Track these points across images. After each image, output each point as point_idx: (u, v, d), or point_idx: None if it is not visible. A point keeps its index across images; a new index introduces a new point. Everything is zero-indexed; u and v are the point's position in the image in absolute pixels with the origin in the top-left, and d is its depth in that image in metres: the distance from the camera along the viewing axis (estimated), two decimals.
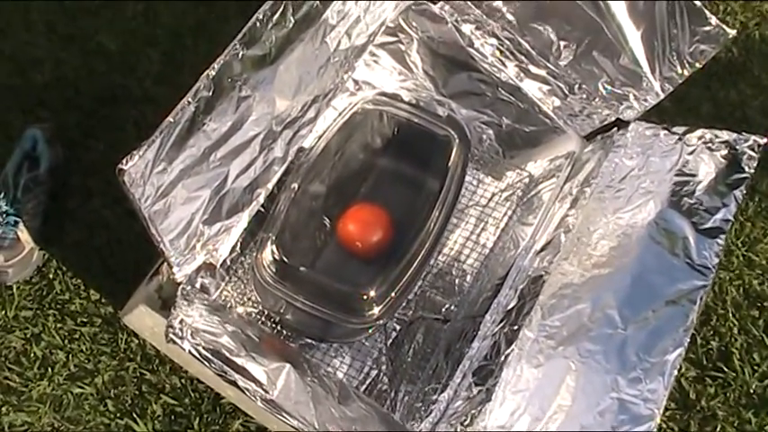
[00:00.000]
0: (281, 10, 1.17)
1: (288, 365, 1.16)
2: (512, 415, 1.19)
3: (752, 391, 1.54)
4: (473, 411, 1.22)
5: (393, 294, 1.37)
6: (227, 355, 1.15)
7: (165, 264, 1.19)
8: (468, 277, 1.52)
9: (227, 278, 1.45)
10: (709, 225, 1.31)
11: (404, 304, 1.47)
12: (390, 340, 1.47)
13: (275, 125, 1.29)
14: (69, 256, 1.60)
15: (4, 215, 1.56)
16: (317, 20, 1.27)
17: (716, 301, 1.63)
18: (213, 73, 1.12)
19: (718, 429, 1.48)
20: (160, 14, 1.93)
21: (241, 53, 1.16)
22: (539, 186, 1.57)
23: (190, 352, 1.14)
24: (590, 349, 1.21)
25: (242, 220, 1.29)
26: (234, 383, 1.13)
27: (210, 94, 1.13)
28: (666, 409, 1.50)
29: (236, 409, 1.45)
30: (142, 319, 1.29)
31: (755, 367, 1.56)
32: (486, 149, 1.65)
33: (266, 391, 1.13)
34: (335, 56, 1.35)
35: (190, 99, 1.11)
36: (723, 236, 1.29)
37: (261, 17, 1.15)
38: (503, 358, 1.24)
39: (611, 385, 1.18)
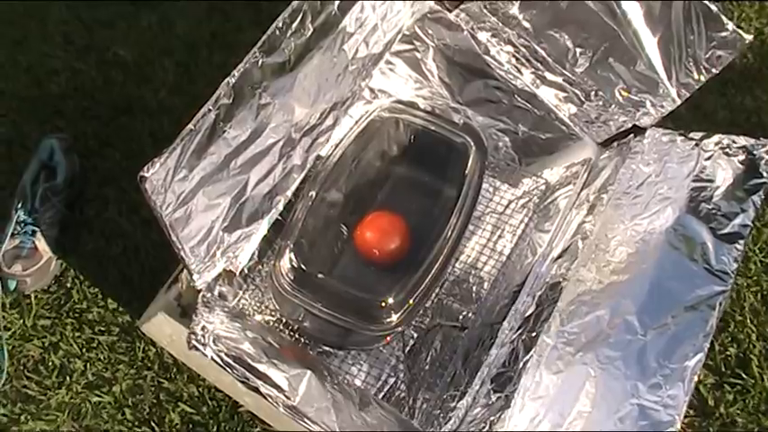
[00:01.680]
0: (300, 18, 1.18)
1: (309, 372, 1.16)
2: (531, 421, 1.18)
3: None
4: (492, 418, 1.21)
5: (411, 302, 1.37)
6: (249, 361, 1.15)
7: (185, 272, 1.20)
8: (486, 284, 1.52)
9: (244, 286, 1.45)
10: (727, 230, 1.30)
11: (421, 312, 1.47)
12: (408, 348, 1.47)
13: (294, 132, 1.29)
14: (86, 265, 1.61)
15: (22, 224, 1.57)
16: (336, 28, 1.28)
17: (734, 307, 1.63)
18: (233, 80, 1.13)
19: None
20: (175, 25, 1.94)
21: (261, 61, 1.16)
22: (555, 193, 1.57)
23: (212, 359, 1.14)
24: (609, 355, 1.21)
25: (261, 227, 1.29)
26: (256, 390, 1.13)
27: (231, 101, 1.14)
28: (685, 416, 1.49)
29: (254, 418, 1.45)
30: (161, 327, 1.29)
31: None
32: (503, 157, 1.65)
33: (288, 398, 1.13)
34: (353, 63, 1.36)
35: (210, 107, 1.11)
36: (742, 241, 1.28)
37: (280, 25, 1.16)
38: (521, 365, 1.23)
39: (631, 391, 1.17)
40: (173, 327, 1.27)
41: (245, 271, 1.45)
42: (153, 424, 1.45)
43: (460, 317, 1.49)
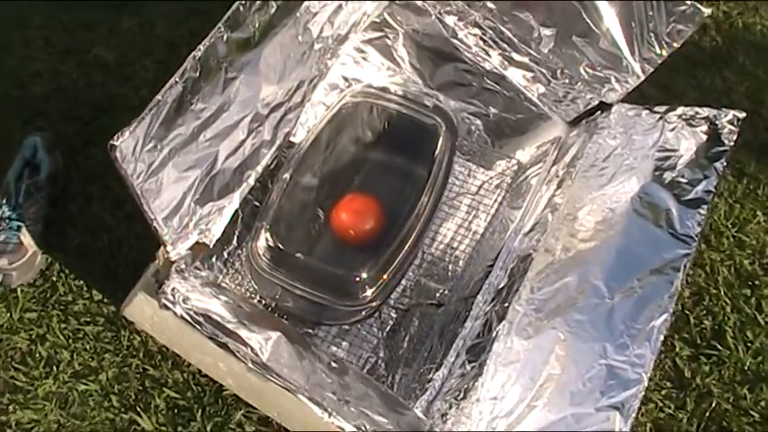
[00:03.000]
0: None
1: (279, 333, 1.19)
2: (503, 386, 1.21)
3: (746, 367, 1.56)
4: (466, 386, 1.24)
5: (385, 277, 1.40)
6: (219, 320, 1.18)
7: (161, 248, 1.23)
8: (461, 262, 1.55)
9: (224, 270, 1.49)
10: (691, 196, 1.34)
11: (399, 292, 1.51)
12: (388, 328, 1.50)
13: (261, 108, 1.32)
14: (71, 260, 1.64)
15: (8, 220, 1.60)
16: (299, 6, 1.31)
17: (708, 281, 1.66)
18: (199, 54, 1.16)
19: (713, 406, 1.49)
20: (155, 26, 1.99)
21: (225, 35, 1.19)
22: (527, 172, 1.61)
23: (182, 316, 1.17)
24: (578, 319, 1.24)
25: (233, 201, 1.31)
26: (225, 346, 1.17)
27: (197, 74, 1.17)
28: (662, 387, 1.52)
29: (238, 401, 1.47)
30: (142, 308, 1.32)
31: (749, 344, 1.58)
32: (476, 140, 1.68)
33: (256, 354, 1.16)
34: (319, 42, 1.39)
35: (177, 79, 1.14)
36: (705, 206, 1.32)
37: (244, 2, 1.19)
38: (494, 334, 1.26)
39: (600, 352, 1.21)
40: (153, 307, 1.29)
41: (225, 255, 1.49)
42: (139, 409, 1.48)
43: (437, 295, 1.52)
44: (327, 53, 1.42)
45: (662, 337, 1.21)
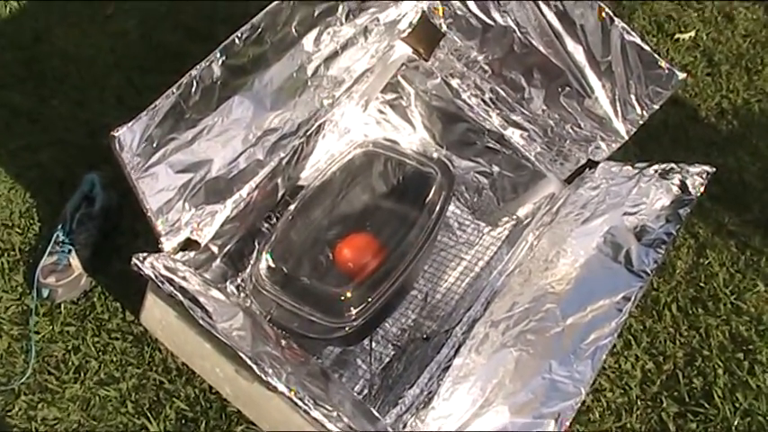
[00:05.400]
0: (257, 33, 1.38)
1: (241, 312, 1.33)
2: (456, 396, 1.31)
3: (733, 428, 1.59)
4: (426, 399, 1.34)
5: (370, 299, 1.53)
6: (181, 283, 1.32)
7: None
8: (453, 302, 1.67)
9: (236, 294, 1.65)
10: (652, 237, 1.43)
11: (399, 331, 1.64)
12: (383, 365, 1.63)
13: (254, 129, 1.47)
14: (112, 284, 1.82)
15: (61, 244, 1.81)
16: (293, 46, 1.47)
17: (702, 344, 1.71)
18: (195, 72, 1.32)
19: None
20: None
21: (221, 60, 1.35)
22: (521, 224, 1.73)
23: (149, 276, 1.33)
24: (530, 339, 1.34)
25: (226, 208, 1.48)
26: (180, 304, 1.30)
27: (193, 90, 1.33)
28: None
29: (240, 417, 1.60)
30: (152, 312, 1.48)
31: (737, 405, 1.61)
32: (484, 199, 1.82)
33: (211, 318, 1.29)
34: (313, 80, 1.55)
35: (174, 90, 1.31)
36: (664, 246, 1.41)
37: (239, 35, 1.36)
38: (455, 352, 1.37)
39: (545, 368, 1.30)
40: (161, 309, 1.45)
41: (239, 281, 1.65)
42: (150, 416, 1.62)
43: (429, 331, 1.64)
44: (322, 93, 1.59)
45: (604, 357, 1.29)
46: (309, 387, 1.25)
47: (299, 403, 1.23)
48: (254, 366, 1.23)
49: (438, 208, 1.63)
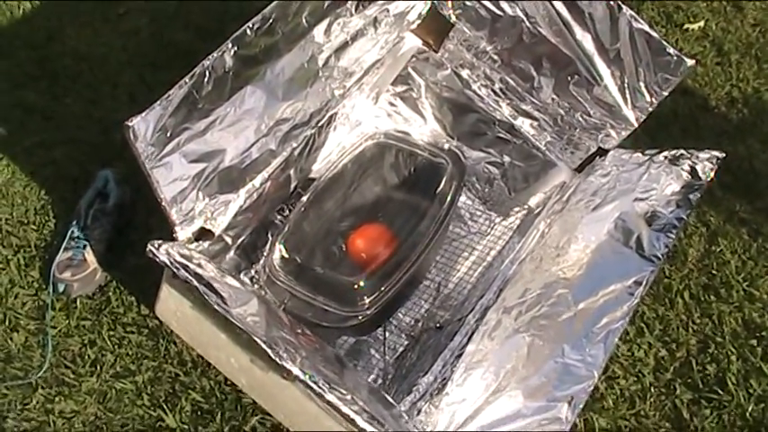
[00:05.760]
0: (269, 24, 1.40)
1: (255, 299, 1.33)
2: (470, 382, 1.32)
3: (748, 413, 1.59)
4: (440, 385, 1.35)
5: (383, 288, 1.54)
6: (196, 269, 1.33)
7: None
8: (466, 291, 1.68)
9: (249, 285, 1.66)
10: (663, 222, 1.44)
11: (413, 322, 1.65)
12: (397, 355, 1.63)
13: (266, 119, 1.49)
14: (127, 278, 1.84)
15: (76, 239, 1.83)
16: (304, 36, 1.49)
17: (714, 331, 1.71)
18: (208, 63, 1.33)
19: None
20: None
21: (233, 50, 1.36)
22: (532, 213, 1.73)
23: (164, 262, 1.33)
24: (543, 324, 1.35)
25: (239, 198, 1.49)
26: (195, 291, 1.31)
27: (205, 80, 1.34)
28: (660, 427, 1.58)
29: (255, 408, 1.61)
30: (167, 303, 1.49)
31: (751, 391, 1.62)
32: (495, 189, 1.82)
33: (226, 303, 1.29)
34: (324, 71, 1.57)
35: (186, 80, 1.32)
36: (674, 230, 1.42)
37: (251, 26, 1.37)
38: (468, 339, 1.38)
39: (558, 352, 1.31)
40: (175, 300, 1.47)
41: (252, 273, 1.66)
42: (166, 408, 1.63)
43: (442, 320, 1.64)
44: (333, 83, 1.60)
45: (616, 340, 1.29)
46: (324, 371, 1.26)
47: (314, 387, 1.24)
48: (269, 350, 1.24)
49: (449, 198, 1.64)
